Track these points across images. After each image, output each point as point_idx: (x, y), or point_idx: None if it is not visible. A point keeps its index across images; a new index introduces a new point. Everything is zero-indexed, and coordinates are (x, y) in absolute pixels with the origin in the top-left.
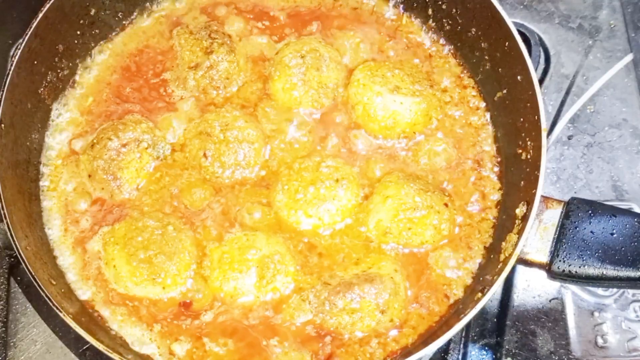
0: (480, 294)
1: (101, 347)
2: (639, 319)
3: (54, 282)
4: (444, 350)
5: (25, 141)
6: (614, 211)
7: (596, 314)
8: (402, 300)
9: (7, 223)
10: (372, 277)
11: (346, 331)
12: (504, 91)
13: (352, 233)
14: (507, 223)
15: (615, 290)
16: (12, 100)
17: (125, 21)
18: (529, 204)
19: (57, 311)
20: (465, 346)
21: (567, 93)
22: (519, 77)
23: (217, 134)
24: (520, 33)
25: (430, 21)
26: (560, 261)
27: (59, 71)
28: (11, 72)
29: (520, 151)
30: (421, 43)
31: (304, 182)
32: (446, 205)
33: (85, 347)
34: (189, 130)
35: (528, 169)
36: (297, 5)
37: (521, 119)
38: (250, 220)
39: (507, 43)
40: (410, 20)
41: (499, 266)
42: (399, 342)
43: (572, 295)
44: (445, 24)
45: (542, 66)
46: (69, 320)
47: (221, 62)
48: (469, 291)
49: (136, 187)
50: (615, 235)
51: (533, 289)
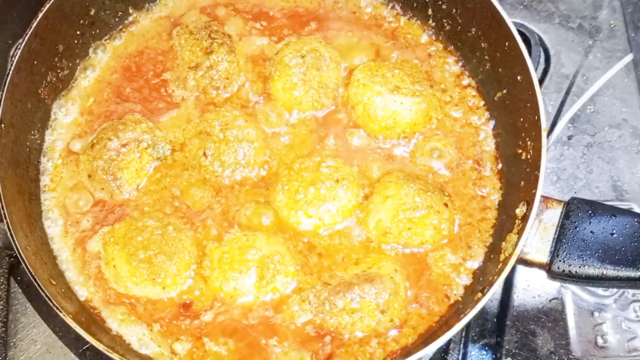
0: (480, 294)
1: (101, 347)
2: (639, 319)
3: (54, 282)
4: (444, 350)
5: (25, 141)
6: (614, 211)
7: (596, 314)
8: (402, 300)
9: (7, 223)
10: (372, 277)
11: (346, 331)
12: (504, 91)
13: (351, 233)
14: (507, 223)
15: (615, 290)
16: (12, 100)
17: (126, 21)
18: (529, 204)
19: (57, 311)
20: (465, 346)
21: (567, 93)
22: (519, 77)
23: (217, 133)
24: (520, 33)
25: (430, 21)
26: (560, 261)
27: (59, 71)
28: (11, 72)
29: (520, 151)
30: (421, 43)
31: (304, 182)
32: (446, 205)
33: (85, 347)
34: (189, 130)
35: (528, 169)
36: (296, 5)
37: (521, 119)
38: (249, 220)
39: (507, 43)
40: (410, 21)
41: (499, 266)
42: (399, 342)
43: (572, 295)
44: (445, 24)
45: (542, 66)
46: (68, 320)
47: (221, 62)
48: (469, 291)
49: (136, 187)
50: (615, 235)
51: (533, 289)
